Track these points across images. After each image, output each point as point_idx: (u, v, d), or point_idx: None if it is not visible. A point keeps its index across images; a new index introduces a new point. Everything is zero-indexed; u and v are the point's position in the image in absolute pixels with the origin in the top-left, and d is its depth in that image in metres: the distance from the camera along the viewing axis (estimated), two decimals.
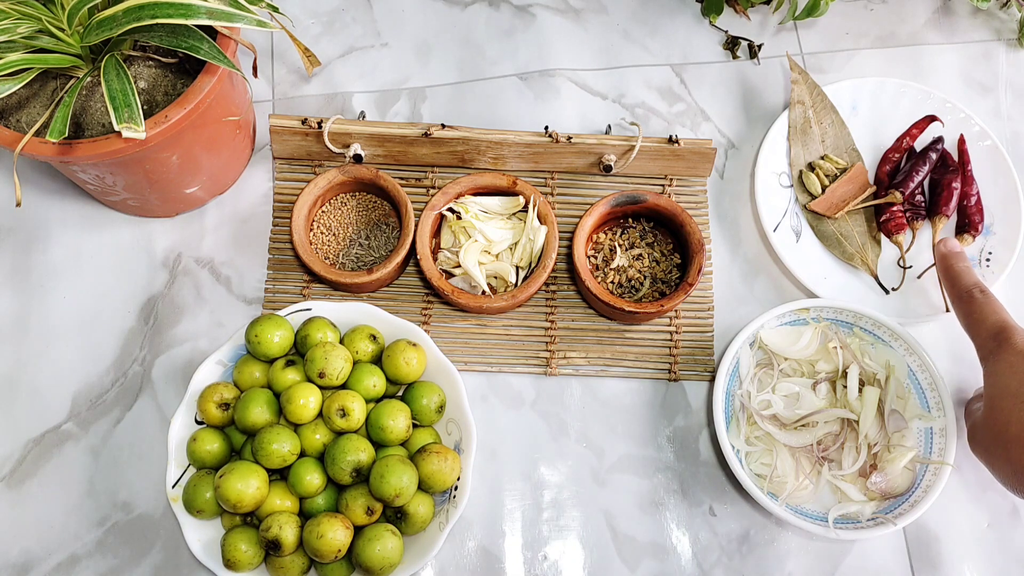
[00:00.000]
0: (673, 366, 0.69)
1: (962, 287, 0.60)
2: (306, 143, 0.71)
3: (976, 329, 0.58)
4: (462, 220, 0.68)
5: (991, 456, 0.55)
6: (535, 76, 0.78)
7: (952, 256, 0.63)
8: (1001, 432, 0.53)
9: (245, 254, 0.71)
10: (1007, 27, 0.83)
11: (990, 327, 0.57)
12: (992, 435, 0.54)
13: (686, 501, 0.66)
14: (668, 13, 0.82)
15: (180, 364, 0.67)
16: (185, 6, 0.52)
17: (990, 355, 0.56)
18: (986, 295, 0.59)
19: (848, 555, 0.65)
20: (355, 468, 0.56)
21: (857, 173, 0.73)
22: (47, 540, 0.62)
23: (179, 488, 0.59)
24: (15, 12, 0.54)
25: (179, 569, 0.62)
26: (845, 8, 0.83)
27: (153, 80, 0.60)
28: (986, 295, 0.59)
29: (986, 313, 0.58)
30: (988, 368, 0.56)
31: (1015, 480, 0.53)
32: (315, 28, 0.79)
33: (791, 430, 0.64)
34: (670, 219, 0.69)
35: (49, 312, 0.68)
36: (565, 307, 0.71)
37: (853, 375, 0.63)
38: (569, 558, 0.64)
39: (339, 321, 0.63)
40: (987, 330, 0.57)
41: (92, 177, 0.62)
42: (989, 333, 0.57)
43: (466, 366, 0.68)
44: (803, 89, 0.75)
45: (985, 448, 0.56)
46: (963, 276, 0.61)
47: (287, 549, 0.56)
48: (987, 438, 0.55)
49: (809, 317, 0.67)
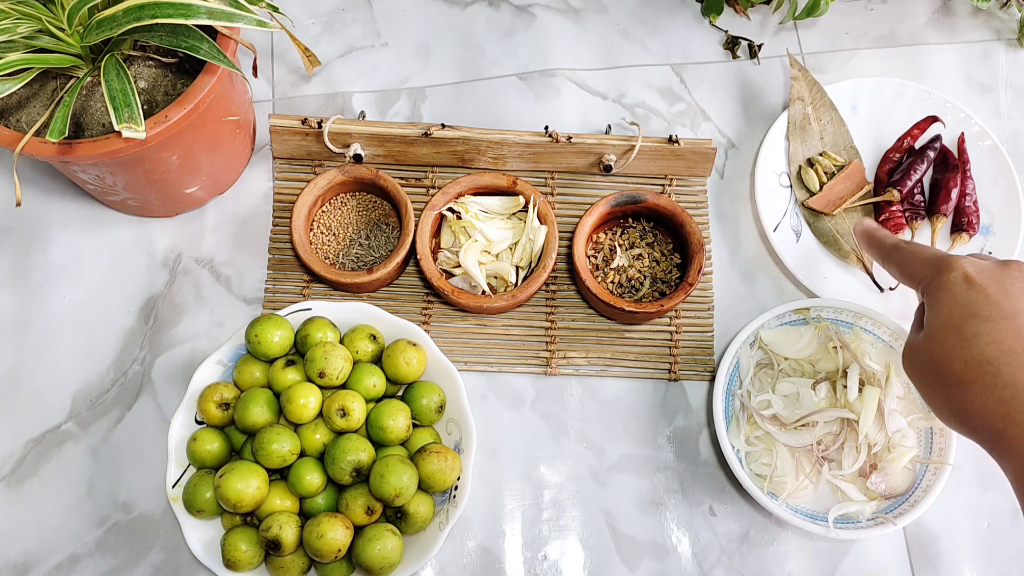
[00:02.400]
0: (673, 366, 0.69)
1: (888, 245, 0.58)
2: (306, 143, 0.71)
3: (910, 269, 0.55)
4: (462, 220, 0.68)
5: (928, 389, 0.52)
6: (535, 76, 0.78)
7: (872, 229, 0.61)
8: (941, 368, 0.50)
9: (245, 254, 0.71)
10: (1007, 27, 0.83)
11: (924, 260, 0.54)
12: (931, 369, 0.51)
13: (686, 501, 0.66)
14: (668, 13, 0.82)
15: (180, 364, 0.67)
16: (185, 6, 0.52)
17: (930, 285, 0.52)
18: (911, 242, 0.57)
19: (848, 555, 0.65)
20: (355, 468, 0.56)
21: (854, 170, 0.73)
22: (47, 540, 0.62)
23: (179, 488, 0.59)
24: (15, 12, 0.54)
25: (179, 569, 0.62)
26: (845, 8, 0.83)
27: (153, 80, 0.60)
28: (911, 242, 0.57)
29: (916, 252, 0.55)
30: (930, 298, 0.52)
31: (949, 417, 0.51)
32: (315, 28, 0.79)
33: (791, 430, 0.64)
34: (670, 219, 0.69)
35: (49, 312, 0.68)
36: (565, 307, 0.71)
37: (853, 375, 0.63)
38: (569, 558, 0.64)
39: (339, 321, 0.63)
40: (922, 264, 0.54)
41: (92, 177, 0.62)
42: (925, 264, 0.54)
43: (466, 366, 0.68)
44: (802, 86, 0.75)
45: (920, 377, 0.53)
46: (886, 238, 0.59)
47: (287, 549, 0.56)
48: (925, 369, 0.52)
49: (809, 317, 0.67)
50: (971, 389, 0.48)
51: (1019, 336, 0.48)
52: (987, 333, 0.48)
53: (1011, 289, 0.49)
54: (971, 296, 0.50)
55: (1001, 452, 0.47)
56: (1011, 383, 0.47)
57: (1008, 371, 0.47)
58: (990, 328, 0.48)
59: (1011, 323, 0.48)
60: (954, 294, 0.51)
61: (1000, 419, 0.47)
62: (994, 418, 0.47)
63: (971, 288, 0.50)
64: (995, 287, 0.50)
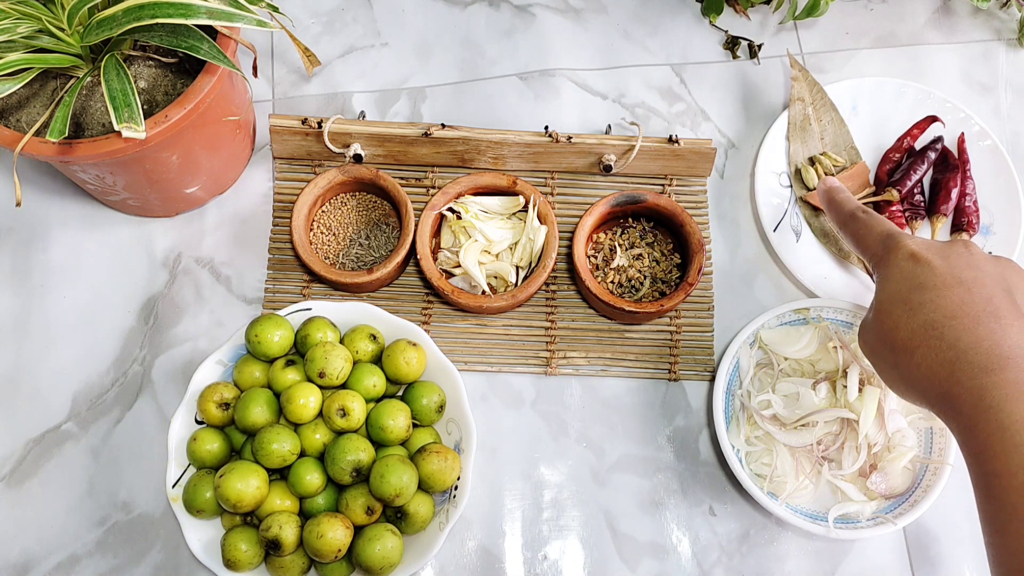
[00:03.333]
0: (673, 366, 0.69)
1: (846, 212, 0.60)
2: (306, 143, 0.71)
3: (864, 243, 0.57)
4: (462, 220, 0.68)
5: (878, 359, 0.54)
6: (535, 76, 0.78)
7: (834, 189, 0.63)
8: (888, 337, 0.52)
9: (245, 254, 0.71)
10: (1007, 27, 0.83)
11: (877, 236, 0.56)
12: (880, 338, 0.53)
13: (686, 501, 0.66)
14: (668, 13, 0.82)
15: (180, 364, 0.67)
16: (185, 6, 0.52)
17: (880, 262, 0.55)
18: (869, 213, 0.59)
19: (848, 555, 0.65)
20: (355, 468, 0.56)
21: (859, 171, 0.73)
22: (47, 540, 0.62)
23: (179, 488, 0.59)
24: (15, 12, 0.54)
25: (179, 569, 0.62)
26: (845, 8, 0.83)
27: (153, 80, 0.60)
28: (869, 213, 0.59)
29: (872, 226, 0.57)
30: (879, 273, 0.55)
31: (899, 385, 0.53)
32: (315, 28, 0.79)
33: (791, 430, 0.63)
34: (670, 219, 0.69)
35: (49, 312, 0.68)
36: (565, 307, 0.71)
37: (853, 375, 0.63)
38: (569, 558, 0.64)
39: (339, 321, 0.63)
40: (874, 240, 0.56)
41: (92, 177, 0.62)
42: (877, 241, 0.56)
43: (466, 366, 0.68)
44: (803, 86, 0.75)
45: (872, 349, 0.55)
46: (846, 203, 0.61)
47: (287, 549, 0.56)
48: (875, 340, 0.54)
49: (809, 317, 0.67)
50: (916, 353, 0.50)
51: (962, 303, 0.49)
52: (931, 301, 0.50)
53: (955, 262, 0.52)
54: (916, 270, 0.52)
55: (947, 412, 0.48)
56: (953, 344, 0.48)
57: (951, 334, 0.49)
58: (934, 296, 0.50)
59: (954, 291, 0.50)
60: (901, 269, 0.53)
61: (944, 380, 0.48)
62: (939, 379, 0.49)
63: (917, 263, 0.52)
64: (939, 260, 0.52)
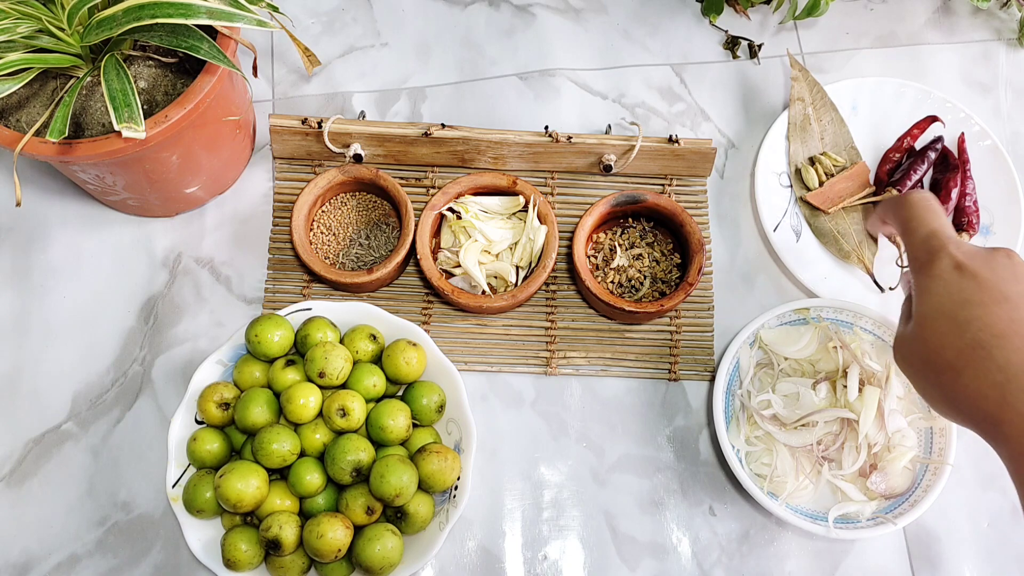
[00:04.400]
0: (673, 366, 0.69)
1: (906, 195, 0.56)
2: (306, 143, 0.71)
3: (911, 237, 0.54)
4: (462, 220, 0.68)
5: (921, 379, 0.51)
6: (535, 76, 0.78)
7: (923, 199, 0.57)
8: (934, 356, 0.49)
9: (245, 254, 0.71)
10: (1007, 27, 0.83)
11: (919, 242, 0.53)
12: (923, 357, 0.50)
13: (686, 501, 0.66)
14: (668, 13, 0.82)
15: (180, 364, 0.67)
16: (185, 6, 0.52)
17: (922, 268, 0.52)
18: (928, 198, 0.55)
19: (848, 555, 0.65)
20: (355, 468, 0.56)
21: (859, 171, 0.73)
22: (47, 540, 0.62)
23: (179, 488, 0.59)
24: (15, 12, 0.54)
25: (179, 569, 0.62)
26: (845, 8, 0.83)
27: (153, 80, 0.60)
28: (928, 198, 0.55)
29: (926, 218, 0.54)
30: (920, 282, 0.52)
31: (942, 405, 0.50)
32: (315, 28, 0.79)
33: (791, 430, 0.64)
34: (670, 219, 0.69)
35: (49, 312, 0.68)
36: (565, 307, 0.71)
37: (853, 375, 0.63)
38: (569, 558, 0.64)
39: (339, 321, 0.63)
40: (920, 237, 0.53)
41: (92, 177, 0.62)
42: (922, 239, 0.53)
43: (466, 366, 0.68)
44: (803, 86, 0.75)
45: (912, 367, 0.52)
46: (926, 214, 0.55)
47: (287, 549, 0.56)
48: (917, 358, 0.51)
49: (809, 317, 0.67)
50: (964, 375, 0.48)
51: (1011, 320, 0.47)
52: (979, 319, 0.48)
53: (1002, 275, 0.49)
54: (962, 283, 0.49)
55: (997, 437, 0.47)
56: (1004, 367, 0.46)
57: (1001, 355, 0.46)
58: (982, 313, 0.48)
59: (1003, 308, 0.48)
60: (945, 281, 0.50)
61: (994, 404, 0.46)
62: (988, 403, 0.46)
63: (962, 275, 0.50)
64: (986, 273, 0.49)
